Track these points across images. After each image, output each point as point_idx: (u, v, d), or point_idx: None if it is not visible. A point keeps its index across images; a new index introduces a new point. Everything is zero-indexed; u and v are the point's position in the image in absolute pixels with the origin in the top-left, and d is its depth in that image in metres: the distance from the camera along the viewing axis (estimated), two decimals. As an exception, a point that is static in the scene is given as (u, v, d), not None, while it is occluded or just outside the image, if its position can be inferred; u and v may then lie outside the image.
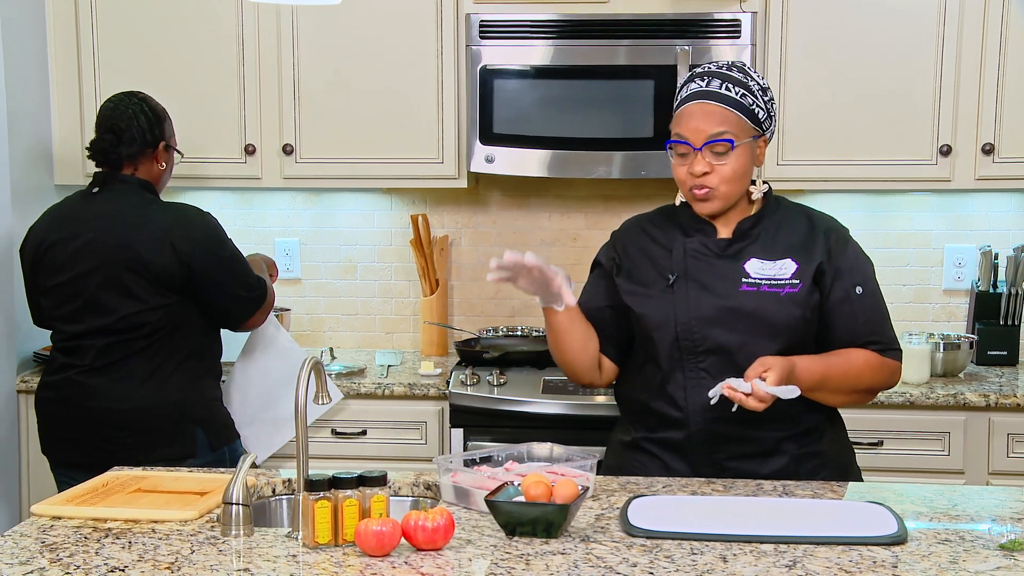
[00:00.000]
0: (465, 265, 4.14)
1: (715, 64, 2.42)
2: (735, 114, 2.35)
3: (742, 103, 2.36)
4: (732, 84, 2.36)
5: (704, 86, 2.37)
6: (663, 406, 2.42)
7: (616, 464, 2.51)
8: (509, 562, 1.88)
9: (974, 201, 3.95)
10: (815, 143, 3.63)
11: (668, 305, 2.41)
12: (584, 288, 2.59)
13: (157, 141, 3.12)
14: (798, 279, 2.38)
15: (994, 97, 3.57)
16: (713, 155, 2.34)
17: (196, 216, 3.08)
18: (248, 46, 3.74)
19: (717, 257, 2.41)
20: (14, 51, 3.63)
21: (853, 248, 2.46)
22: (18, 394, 3.63)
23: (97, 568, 1.87)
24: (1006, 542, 1.95)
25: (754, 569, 1.85)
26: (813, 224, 2.46)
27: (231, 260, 3.08)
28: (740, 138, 2.35)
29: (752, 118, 2.37)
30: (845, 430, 2.56)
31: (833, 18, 3.60)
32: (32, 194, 3.71)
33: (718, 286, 2.39)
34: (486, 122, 3.65)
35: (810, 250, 2.41)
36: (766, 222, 2.44)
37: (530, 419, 3.40)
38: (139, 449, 2.90)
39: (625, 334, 2.51)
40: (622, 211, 4.01)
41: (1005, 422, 3.39)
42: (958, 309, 3.99)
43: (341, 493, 1.96)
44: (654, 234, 2.50)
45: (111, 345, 2.99)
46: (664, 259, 2.45)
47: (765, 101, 2.39)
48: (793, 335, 2.37)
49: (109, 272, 2.97)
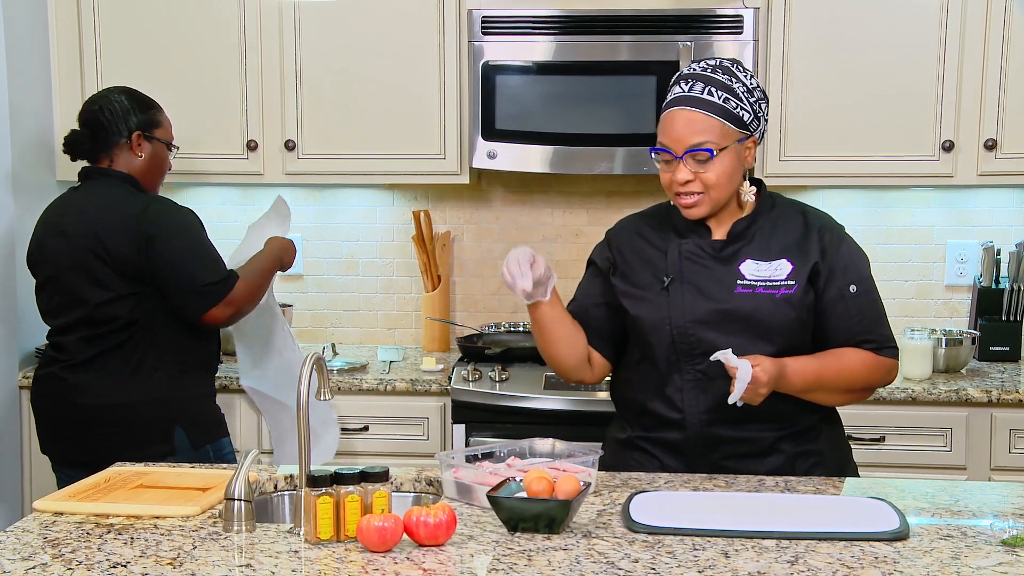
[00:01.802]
0: (467, 261, 4.14)
1: (701, 64, 2.38)
2: (717, 120, 2.32)
3: (724, 107, 2.32)
4: (715, 88, 2.33)
5: (687, 91, 2.34)
6: (661, 407, 2.41)
7: (612, 462, 2.50)
8: (511, 558, 1.88)
9: (976, 197, 3.95)
10: (817, 139, 3.62)
11: (663, 308, 2.39)
12: (579, 285, 2.58)
13: (130, 131, 3.09)
14: (794, 280, 2.36)
15: (996, 92, 3.56)
16: (695, 163, 2.32)
17: (166, 206, 3.04)
18: (250, 41, 3.74)
19: (712, 259, 2.40)
20: (16, 46, 3.63)
21: (848, 246, 2.43)
22: (20, 390, 3.64)
23: (99, 564, 1.87)
24: (1008, 538, 1.95)
25: (756, 564, 1.85)
26: (808, 222, 2.44)
27: (185, 251, 2.98)
28: (721, 145, 2.32)
29: (736, 122, 2.33)
30: (843, 429, 2.56)
31: (835, 14, 3.59)
32: (34, 189, 3.71)
33: (713, 289, 2.38)
34: (488, 118, 3.65)
35: (805, 249, 2.39)
36: (761, 222, 2.42)
37: (532, 415, 3.40)
38: (127, 446, 2.89)
39: (619, 332, 2.51)
40: (624, 207, 3.99)
41: (1007, 418, 3.39)
42: (960, 305, 3.99)
43: (343, 489, 1.96)
44: (648, 236, 2.49)
45: (91, 338, 2.99)
46: (659, 261, 2.44)
47: (752, 102, 2.35)
48: (789, 337, 2.36)
49: (79, 261, 2.98)
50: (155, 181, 3.18)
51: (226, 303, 2.99)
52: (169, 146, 3.20)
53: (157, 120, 3.16)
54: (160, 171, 3.19)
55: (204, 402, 3.13)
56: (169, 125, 3.21)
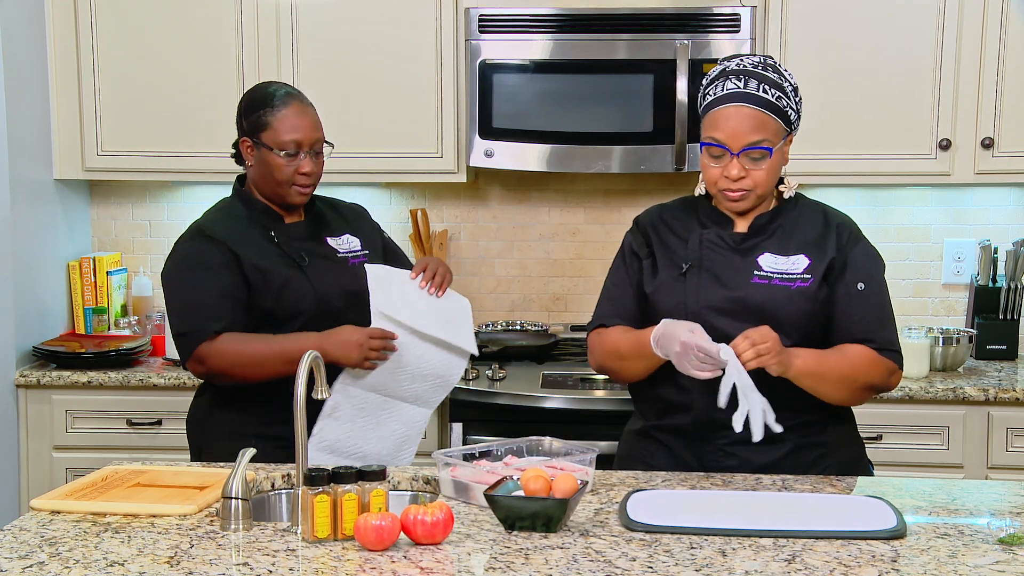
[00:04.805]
0: (464, 260, 4.14)
1: (748, 60, 2.38)
2: (772, 119, 2.34)
3: (777, 106, 2.34)
4: (768, 85, 2.34)
5: (742, 87, 2.34)
6: (672, 393, 2.42)
7: (626, 453, 2.53)
8: (508, 556, 1.88)
9: (973, 195, 3.95)
10: (815, 137, 3.62)
11: (680, 294, 2.41)
12: (614, 279, 2.54)
13: (240, 135, 2.80)
14: (810, 274, 2.38)
15: (993, 91, 3.57)
16: (750, 160, 2.34)
17: (185, 236, 2.77)
18: (247, 40, 3.74)
19: (731, 250, 2.42)
20: (13, 44, 3.61)
21: (864, 246, 2.46)
22: (17, 388, 3.63)
23: (96, 562, 1.87)
24: (1005, 536, 1.95)
25: (753, 563, 1.85)
26: (828, 220, 2.47)
27: (170, 293, 2.73)
28: (776, 143, 2.35)
29: (785, 120, 2.36)
30: (855, 427, 2.55)
31: (832, 12, 3.59)
32: (31, 189, 3.71)
33: (730, 277, 2.39)
34: (485, 116, 3.65)
35: (823, 246, 2.41)
36: (782, 218, 2.44)
37: (529, 413, 3.40)
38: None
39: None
40: (621, 206, 4.01)
41: (1004, 416, 3.39)
42: (957, 303, 3.99)
43: (340, 487, 1.96)
44: (672, 224, 2.50)
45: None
46: (680, 248, 2.45)
47: (796, 101, 2.39)
48: (802, 330, 2.37)
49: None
50: (261, 181, 2.79)
51: (195, 359, 2.65)
52: (265, 147, 2.76)
53: (262, 122, 2.75)
54: (261, 172, 2.77)
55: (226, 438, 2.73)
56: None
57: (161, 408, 3.61)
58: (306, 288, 2.72)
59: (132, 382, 3.59)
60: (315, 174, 2.77)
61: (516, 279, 4.13)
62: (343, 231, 2.87)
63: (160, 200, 4.15)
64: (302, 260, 2.74)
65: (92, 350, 3.67)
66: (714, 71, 2.41)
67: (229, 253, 2.68)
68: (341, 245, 2.84)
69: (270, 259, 2.71)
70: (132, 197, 4.15)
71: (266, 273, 2.69)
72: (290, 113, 2.73)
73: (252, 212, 2.78)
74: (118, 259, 4.11)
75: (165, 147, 3.78)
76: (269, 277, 2.69)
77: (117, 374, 3.60)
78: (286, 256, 2.74)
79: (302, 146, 2.72)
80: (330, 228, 2.86)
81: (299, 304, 2.71)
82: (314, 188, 2.80)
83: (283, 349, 2.61)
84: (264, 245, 2.74)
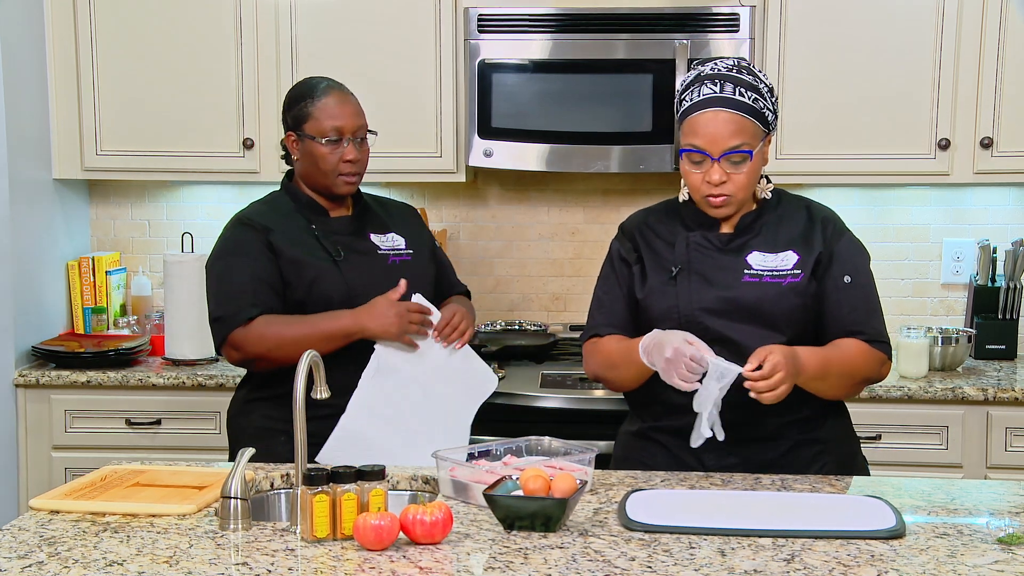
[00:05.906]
0: (464, 259, 4.14)
1: (722, 64, 2.38)
2: (751, 121, 2.34)
3: (755, 108, 2.34)
4: (744, 88, 2.34)
5: (718, 91, 2.34)
6: (670, 395, 2.42)
7: (624, 455, 2.53)
8: (507, 556, 1.88)
9: (973, 195, 3.95)
10: (813, 137, 3.63)
11: (671, 297, 2.41)
12: (604, 287, 2.55)
13: (285, 130, 2.81)
14: (800, 270, 2.39)
15: (993, 91, 3.57)
16: (731, 164, 2.34)
17: (232, 222, 2.80)
18: (246, 39, 3.73)
19: (719, 251, 2.42)
20: (12, 44, 3.61)
21: (848, 238, 2.47)
22: (16, 388, 3.63)
23: (95, 562, 1.87)
24: (1004, 536, 1.95)
25: (752, 563, 1.85)
26: (812, 215, 2.47)
27: (210, 276, 2.76)
28: (755, 145, 2.35)
29: (763, 121, 2.37)
30: (849, 420, 2.56)
31: (831, 12, 3.59)
32: (31, 189, 3.71)
33: (720, 278, 2.40)
34: (485, 116, 3.65)
35: (810, 241, 2.43)
36: (767, 216, 2.45)
37: (529, 413, 3.40)
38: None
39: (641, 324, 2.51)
40: (621, 205, 4.01)
41: (1003, 416, 3.40)
42: (956, 303, 3.99)
43: (339, 487, 1.96)
44: (657, 228, 2.50)
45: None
46: (667, 252, 2.46)
47: (772, 102, 2.39)
48: (796, 325, 2.38)
49: None
50: (308, 176, 2.80)
51: (231, 345, 2.67)
52: (309, 138, 2.77)
53: (305, 113, 2.77)
54: (307, 166, 2.78)
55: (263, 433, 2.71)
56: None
57: (160, 408, 3.61)
58: (338, 282, 2.73)
59: (131, 382, 3.59)
60: (360, 162, 2.78)
61: (515, 279, 4.13)
62: (389, 229, 2.89)
63: (159, 200, 4.15)
64: (337, 254, 2.76)
65: (91, 350, 3.67)
66: (688, 76, 2.42)
67: (267, 241, 2.71)
68: (384, 242, 2.85)
69: (306, 251, 2.74)
70: (131, 197, 4.14)
71: (299, 264, 2.71)
72: (331, 102, 2.76)
73: (297, 205, 2.81)
74: (117, 259, 4.11)
75: (164, 147, 3.78)
76: (301, 268, 2.71)
77: (116, 374, 3.60)
78: (323, 249, 2.75)
79: (344, 133, 2.74)
80: (376, 224, 2.87)
81: (330, 297, 2.72)
82: (360, 177, 2.81)
83: (322, 328, 2.64)
84: (303, 237, 2.75)
